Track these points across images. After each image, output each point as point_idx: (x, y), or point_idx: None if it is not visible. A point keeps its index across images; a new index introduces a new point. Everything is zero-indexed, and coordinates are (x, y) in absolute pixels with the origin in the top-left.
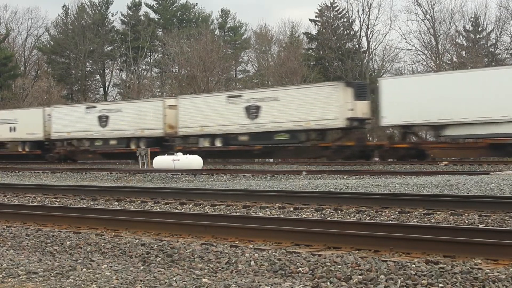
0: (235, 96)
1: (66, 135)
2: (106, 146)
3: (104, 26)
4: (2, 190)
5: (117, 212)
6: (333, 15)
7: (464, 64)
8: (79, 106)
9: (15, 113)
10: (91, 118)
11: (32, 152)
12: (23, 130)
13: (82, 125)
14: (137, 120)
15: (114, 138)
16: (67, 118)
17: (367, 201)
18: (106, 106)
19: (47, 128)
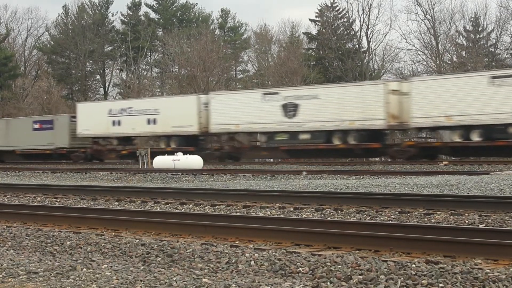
0: None
1: (232, 128)
2: (293, 141)
3: (104, 26)
4: (2, 190)
5: (117, 212)
6: (333, 15)
7: (464, 64)
8: (253, 93)
9: (156, 102)
10: (272, 107)
11: (180, 148)
12: (168, 122)
13: (257, 115)
14: (345, 109)
15: (307, 131)
16: (234, 107)
17: (367, 201)
18: (294, 92)
19: (203, 119)
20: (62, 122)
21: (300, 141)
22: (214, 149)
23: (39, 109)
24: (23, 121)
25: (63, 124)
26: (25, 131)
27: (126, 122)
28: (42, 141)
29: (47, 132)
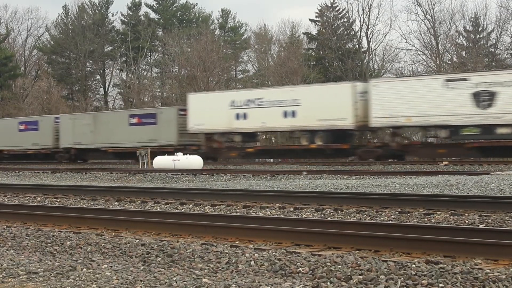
0: None
1: (401, 121)
2: (487, 136)
3: (104, 26)
4: (2, 190)
5: (117, 212)
6: (333, 15)
7: (464, 64)
8: (430, 79)
9: (296, 91)
10: (457, 96)
11: (329, 145)
12: (313, 114)
13: (435, 105)
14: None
15: (507, 125)
16: (403, 96)
17: (367, 201)
18: (489, 78)
19: (359, 111)
20: (168, 116)
21: (498, 136)
22: (374, 146)
23: (39, 109)
24: (118, 115)
25: (169, 118)
26: (120, 126)
27: (254, 115)
28: (142, 138)
29: (149, 128)
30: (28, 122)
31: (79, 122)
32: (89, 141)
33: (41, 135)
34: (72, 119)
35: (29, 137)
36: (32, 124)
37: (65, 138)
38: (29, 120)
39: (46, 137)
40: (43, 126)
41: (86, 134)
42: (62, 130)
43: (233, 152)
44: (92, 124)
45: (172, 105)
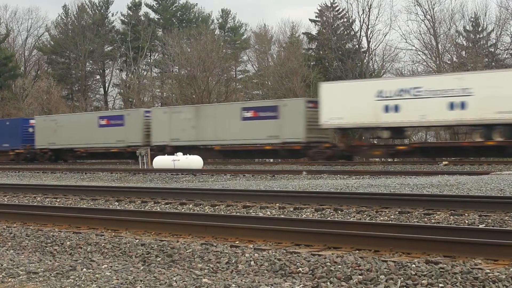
0: None
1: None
2: None
3: (104, 26)
4: (2, 190)
5: (117, 212)
6: (333, 15)
7: (464, 64)
8: None
9: (465, 78)
10: None
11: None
12: (489, 106)
13: None
14: None
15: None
16: None
17: (367, 201)
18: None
19: None
20: (294, 108)
21: None
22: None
23: (39, 109)
24: (228, 108)
25: (295, 111)
26: (231, 121)
27: (408, 107)
28: (258, 134)
29: (268, 122)
30: (111, 117)
31: (177, 117)
32: (190, 138)
33: (128, 131)
34: (168, 113)
35: (113, 133)
36: (116, 118)
37: (158, 135)
38: (113, 114)
39: (134, 133)
40: (130, 120)
41: (186, 130)
42: (155, 126)
43: (378, 150)
44: (193, 118)
45: (166, 105)
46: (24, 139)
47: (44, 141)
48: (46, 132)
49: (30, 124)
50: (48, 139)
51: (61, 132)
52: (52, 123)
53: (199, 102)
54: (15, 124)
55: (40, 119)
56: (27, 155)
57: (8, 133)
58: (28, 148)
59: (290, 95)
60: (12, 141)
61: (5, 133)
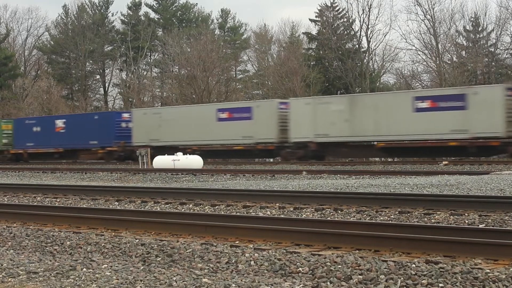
0: None
1: None
2: None
3: (104, 26)
4: (2, 190)
5: (117, 212)
6: (333, 15)
7: (464, 64)
8: None
9: None
10: None
11: None
12: None
13: None
14: None
15: None
16: None
17: (367, 201)
18: None
19: None
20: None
21: None
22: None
23: (39, 109)
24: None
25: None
26: (399, 112)
27: None
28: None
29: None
30: (234, 109)
31: (325, 108)
32: (342, 133)
33: (257, 125)
34: (312, 104)
35: (237, 128)
36: (241, 111)
37: (298, 130)
38: (237, 106)
39: (265, 128)
40: (260, 113)
41: (337, 124)
42: (294, 119)
43: None
44: (347, 110)
45: (169, 105)
46: (117, 135)
47: (144, 138)
48: (147, 127)
49: (123, 118)
50: (150, 135)
51: (167, 127)
52: (155, 116)
53: (199, 102)
54: (105, 118)
55: (139, 112)
56: (120, 154)
57: (96, 129)
58: (123, 146)
59: (291, 95)
60: (102, 138)
61: (93, 128)
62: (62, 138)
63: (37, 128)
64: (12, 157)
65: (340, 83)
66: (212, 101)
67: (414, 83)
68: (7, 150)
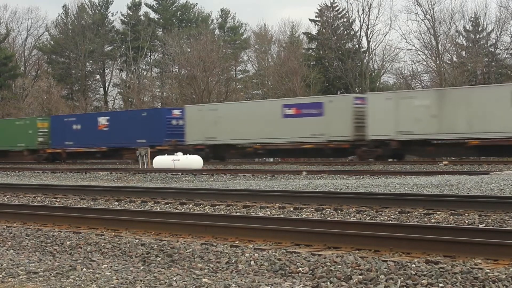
0: None
1: None
2: None
3: (104, 26)
4: (2, 190)
5: (117, 212)
6: (333, 15)
7: (464, 64)
8: None
9: None
10: None
11: None
12: None
13: None
14: None
15: None
16: None
17: (367, 201)
18: None
19: None
20: None
21: None
22: None
23: (39, 109)
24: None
25: None
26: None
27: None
28: None
29: None
30: (303, 105)
31: (409, 103)
32: (428, 130)
33: (329, 122)
34: (393, 99)
35: (306, 125)
36: (310, 107)
37: (377, 126)
38: (306, 102)
39: (338, 124)
40: (333, 109)
41: (423, 121)
42: (373, 115)
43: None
44: (434, 105)
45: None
46: (168, 133)
47: (199, 136)
48: (203, 124)
49: (174, 115)
50: (205, 132)
51: (225, 124)
52: (211, 113)
53: (199, 102)
54: (155, 116)
55: (194, 108)
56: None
57: (145, 127)
58: (174, 144)
59: (291, 95)
60: (151, 136)
61: (141, 126)
62: (105, 137)
63: (77, 126)
64: (48, 156)
65: (340, 83)
66: (212, 101)
67: (414, 83)
68: (43, 149)
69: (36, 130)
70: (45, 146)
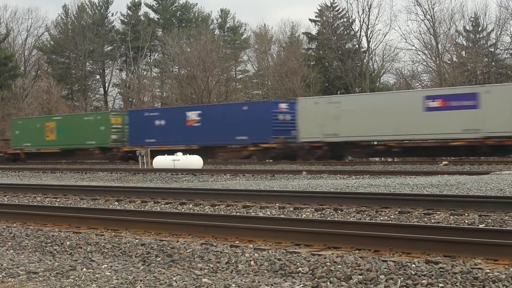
0: None
1: None
2: None
3: (104, 26)
4: (2, 190)
5: (117, 212)
6: (333, 15)
7: (464, 64)
8: None
9: None
10: None
11: None
12: None
13: None
14: None
15: None
16: None
17: (367, 201)
18: None
19: None
20: None
21: None
22: None
23: (39, 109)
24: None
25: None
26: None
27: None
28: None
29: None
30: (451, 96)
31: None
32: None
33: (487, 115)
34: None
35: (455, 119)
36: (461, 98)
37: None
38: (454, 93)
39: (499, 118)
40: (492, 100)
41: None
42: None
43: None
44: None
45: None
46: (274, 130)
47: (316, 132)
48: (321, 119)
49: (280, 109)
50: (324, 128)
51: (349, 118)
52: (331, 106)
53: (199, 102)
54: (259, 109)
55: (309, 101)
56: (280, 151)
57: (246, 122)
58: (283, 142)
59: (291, 95)
60: (255, 133)
61: (241, 121)
62: (196, 133)
63: (160, 122)
64: (124, 155)
65: (340, 83)
66: (212, 101)
67: (414, 83)
68: (117, 147)
69: (109, 127)
70: (119, 144)
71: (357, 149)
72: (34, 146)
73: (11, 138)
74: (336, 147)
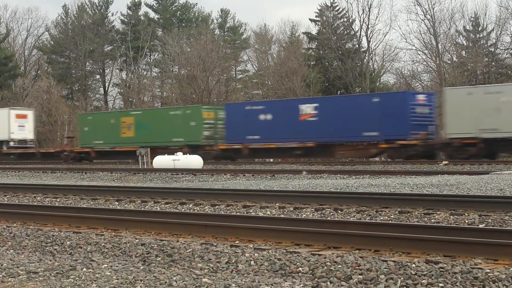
0: None
1: None
2: None
3: (104, 26)
4: (2, 190)
5: (117, 212)
6: (333, 15)
7: (464, 64)
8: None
9: None
10: None
11: None
12: None
13: None
14: None
15: None
16: None
17: (367, 201)
18: None
19: None
20: None
21: None
22: None
23: (39, 109)
24: None
25: None
26: None
27: None
28: None
29: None
30: None
31: None
32: None
33: None
34: None
35: None
36: None
37: None
38: None
39: None
40: None
41: None
42: None
43: None
44: None
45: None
46: (413, 124)
47: (469, 127)
48: (474, 112)
49: (418, 101)
50: (480, 123)
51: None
52: (490, 97)
53: (199, 102)
54: (394, 101)
55: (460, 92)
56: (420, 149)
57: (377, 115)
58: (424, 138)
59: (291, 95)
60: (388, 128)
61: (370, 115)
62: (311, 129)
63: (266, 116)
64: (219, 154)
65: (340, 83)
66: (212, 101)
67: (414, 83)
68: (210, 145)
69: (201, 122)
70: (211, 141)
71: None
72: (108, 144)
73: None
74: (493, 144)
